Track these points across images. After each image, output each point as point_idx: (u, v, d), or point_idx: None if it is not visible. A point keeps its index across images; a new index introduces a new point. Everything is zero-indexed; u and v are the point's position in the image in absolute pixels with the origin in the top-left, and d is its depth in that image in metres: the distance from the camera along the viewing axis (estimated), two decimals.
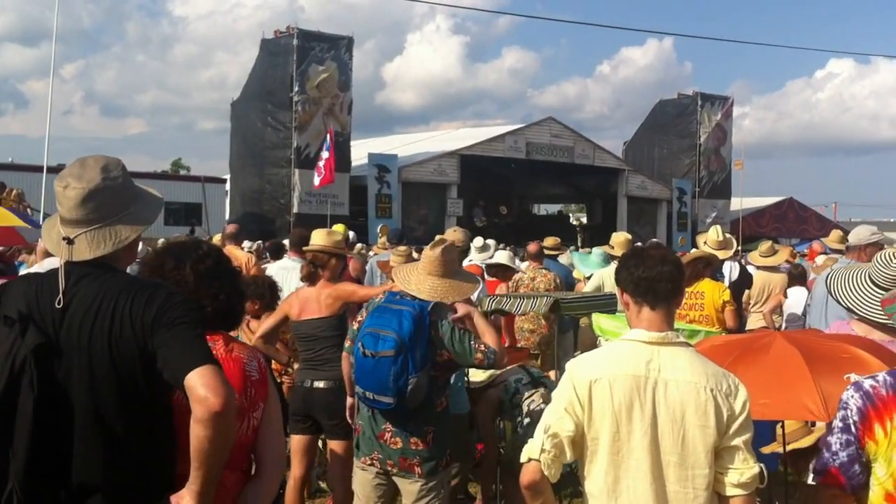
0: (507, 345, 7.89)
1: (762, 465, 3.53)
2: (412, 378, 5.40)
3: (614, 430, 3.47)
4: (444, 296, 5.71)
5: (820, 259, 14.20)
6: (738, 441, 3.46)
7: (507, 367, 7.22)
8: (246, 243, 19.85)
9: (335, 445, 6.97)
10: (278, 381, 7.79)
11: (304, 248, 7.51)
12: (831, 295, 5.55)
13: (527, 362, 8.13)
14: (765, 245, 13.41)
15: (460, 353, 5.53)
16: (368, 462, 5.74)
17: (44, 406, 2.98)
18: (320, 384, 6.90)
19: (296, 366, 7.32)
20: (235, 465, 3.40)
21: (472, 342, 5.52)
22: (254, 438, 3.49)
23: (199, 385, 2.87)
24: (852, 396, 3.52)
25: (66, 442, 3.03)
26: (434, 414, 5.65)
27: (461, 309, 5.70)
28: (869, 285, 5.29)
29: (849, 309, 5.35)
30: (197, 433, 2.89)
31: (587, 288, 11.38)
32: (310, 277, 7.15)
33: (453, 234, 8.94)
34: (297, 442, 7.07)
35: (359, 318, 5.92)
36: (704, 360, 3.60)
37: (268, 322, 7.30)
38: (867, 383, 3.52)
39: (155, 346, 3.01)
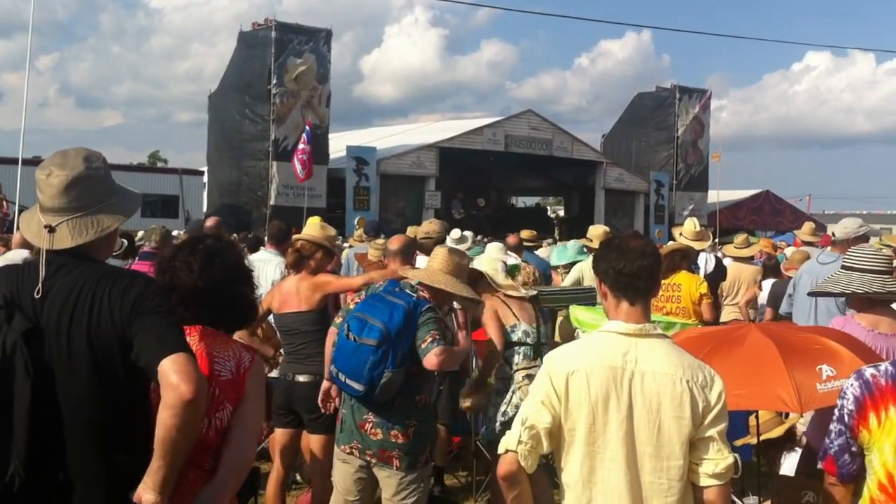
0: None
1: (737, 455, 3.54)
2: (388, 372, 5.42)
3: (591, 421, 3.47)
4: (438, 283, 5.81)
5: (788, 251, 14.30)
6: (712, 432, 3.47)
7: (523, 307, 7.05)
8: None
9: (315, 440, 6.96)
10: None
11: (295, 237, 7.51)
12: (827, 294, 5.64)
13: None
14: (740, 237, 13.52)
15: (418, 334, 5.55)
16: (348, 451, 5.74)
17: (38, 390, 3.01)
18: (302, 378, 6.88)
19: (280, 359, 7.31)
20: (197, 462, 3.38)
21: (430, 330, 5.53)
22: (218, 439, 3.44)
23: (172, 372, 2.89)
24: (851, 385, 3.56)
25: (57, 426, 3.05)
26: (416, 408, 5.67)
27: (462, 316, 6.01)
28: (850, 273, 5.41)
29: (845, 294, 5.45)
30: (165, 420, 2.90)
31: (567, 281, 11.39)
32: (294, 265, 7.13)
33: (429, 225, 8.96)
34: (279, 435, 7.07)
35: (356, 299, 5.96)
36: (681, 352, 3.61)
37: None
38: (868, 372, 3.55)
39: (131, 334, 3.02)
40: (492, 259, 7.39)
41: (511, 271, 7.21)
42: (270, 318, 7.27)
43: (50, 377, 3.05)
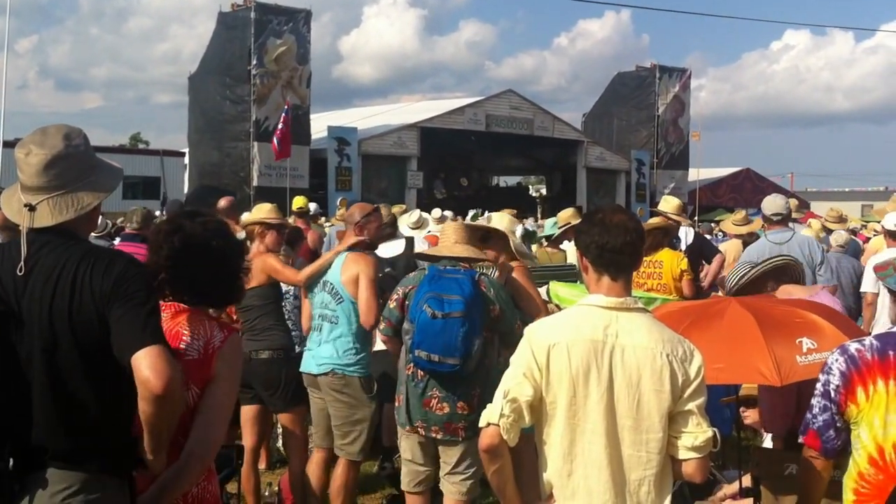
0: None
1: (715, 429, 3.55)
2: (477, 339, 5.60)
3: (571, 394, 3.47)
4: (461, 252, 6.03)
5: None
6: (692, 405, 3.49)
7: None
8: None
9: (283, 417, 7.03)
10: None
11: (242, 221, 7.58)
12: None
13: None
14: (739, 214, 13.60)
15: (506, 312, 5.86)
16: (412, 430, 5.86)
17: (4, 372, 3.02)
18: (261, 355, 6.88)
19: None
20: (172, 441, 3.33)
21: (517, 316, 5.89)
22: (190, 419, 3.39)
23: (143, 366, 2.93)
24: (837, 360, 3.58)
25: (26, 408, 3.05)
26: (483, 374, 5.77)
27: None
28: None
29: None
30: (142, 408, 2.98)
31: (571, 258, 11.40)
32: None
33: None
34: (245, 412, 7.10)
35: (395, 297, 6.06)
36: (661, 326, 3.62)
37: None
38: (853, 347, 3.58)
39: (109, 317, 3.03)
40: (511, 221, 7.43)
41: (528, 237, 7.22)
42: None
43: (24, 357, 3.05)
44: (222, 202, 12.11)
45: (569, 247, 11.32)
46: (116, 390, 3.15)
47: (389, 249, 8.36)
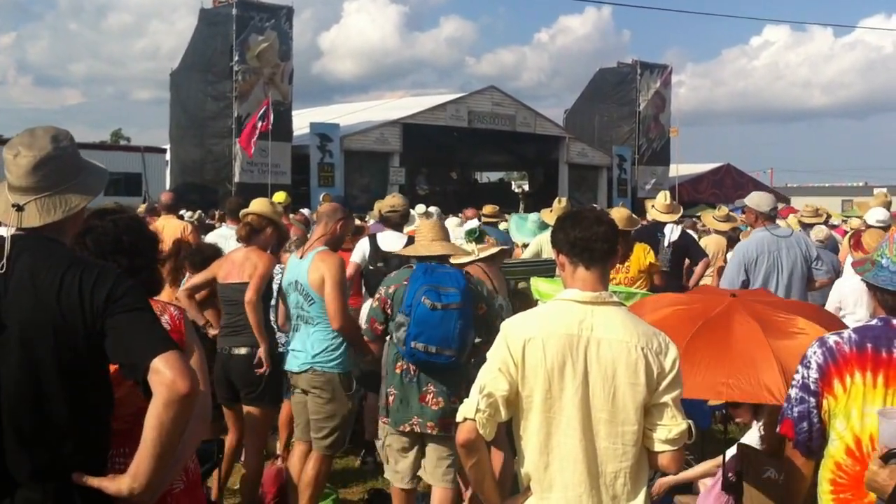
0: None
1: (690, 421, 3.59)
2: (471, 331, 5.73)
3: (547, 387, 3.51)
4: (446, 251, 6.13)
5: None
6: (667, 398, 3.53)
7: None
8: (185, 213, 19.77)
9: (252, 412, 7.02)
10: None
11: (243, 212, 7.52)
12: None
13: None
14: (722, 211, 13.69)
15: (490, 310, 5.95)
16: (407, 429, 5.90)
17: None
18: (239, 351, 6.94)
19: (212, 331, 7.32)
20: None
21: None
22: None
23: (167, 368, 2.89)
24: (815, 353, 3.59)
25: (4, 413, 3.02)
26: (469, 367, 5.82)
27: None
28: None
29: None
30: (160, 416, 2.89)
31: (526, 254, 11.47)
32: (247, 238, 7.15)
33: (393, 199, 8.94)
34: (228, 413, 7.16)
35: (378, 296, 6.12)
36: (636, 320, 3.66)
37: (195, 278, 7.36)
38: (831, 339, 3.59)
39: (106, 327, 3.00)
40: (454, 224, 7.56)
41: (470, 234, 7.27)
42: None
43: (3, 359, 3.02)
44: (164, 197, 12.17)
45: (536, 239, 11.41)
46: (94, 398, 3.14)
47: (390, 242, 8.35)
